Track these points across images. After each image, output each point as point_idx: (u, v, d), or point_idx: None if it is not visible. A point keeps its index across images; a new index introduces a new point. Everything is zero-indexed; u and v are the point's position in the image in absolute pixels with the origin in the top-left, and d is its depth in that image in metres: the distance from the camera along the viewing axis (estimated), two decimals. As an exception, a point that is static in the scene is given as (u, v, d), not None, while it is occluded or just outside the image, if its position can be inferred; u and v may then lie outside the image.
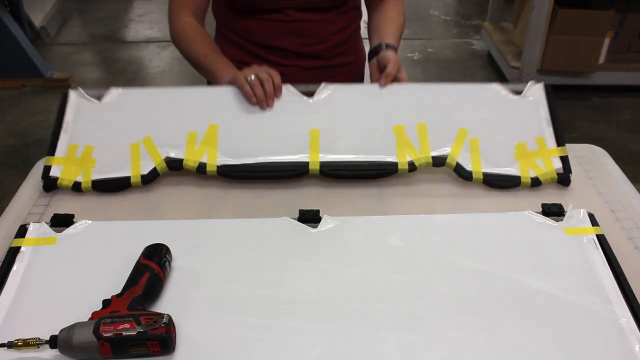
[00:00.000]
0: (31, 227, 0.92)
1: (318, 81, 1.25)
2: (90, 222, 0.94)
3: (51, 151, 1.05)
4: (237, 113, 1.09)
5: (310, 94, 1.12)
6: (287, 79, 1.23)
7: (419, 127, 1.06)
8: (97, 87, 1.14)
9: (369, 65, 1.22)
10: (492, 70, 3.54)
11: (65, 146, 1.06)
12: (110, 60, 3.84)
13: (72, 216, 0.95)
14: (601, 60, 3.07)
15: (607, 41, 3.01)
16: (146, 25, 4.36)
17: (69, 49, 3.98)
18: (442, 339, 0.73)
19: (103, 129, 1.09)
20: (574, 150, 1.13)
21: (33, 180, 1.08)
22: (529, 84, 1.13)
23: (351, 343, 0.73)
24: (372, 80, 1.18)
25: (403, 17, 1.30)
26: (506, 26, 3.64)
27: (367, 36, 1.33)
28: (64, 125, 1.09)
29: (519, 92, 1.12)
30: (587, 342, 0.72)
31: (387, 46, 1.19)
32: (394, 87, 1.13)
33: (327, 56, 1.30)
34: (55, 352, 0.70)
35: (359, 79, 1.42)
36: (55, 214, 0.96)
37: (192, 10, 1.24)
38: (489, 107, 1.11)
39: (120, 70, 3.68)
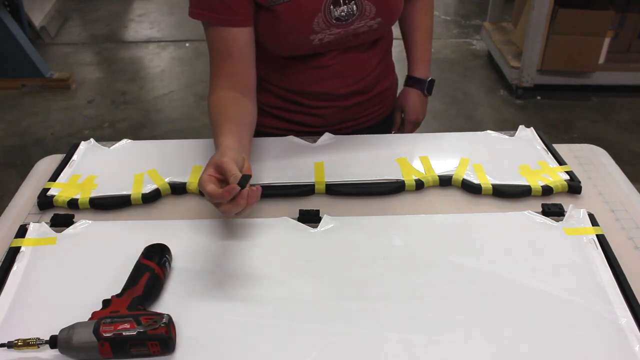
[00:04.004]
0: (31, 227, 0.92)
1: (354, 117, 1.23)
2: (90, 222, 0.94)
3: (52, 179, 1.04)
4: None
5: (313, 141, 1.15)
6: (324, 119, 1.20)
7: (422, 159, 1.08)
8: (98, 88, 1.14)
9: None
10: (492, 70, 3.54)
11: (67, 176, 1.05)
12: (110, 60, 3.84)
13: (72, 216, 0.95)
14: (601, 60, 3.07)
15: (607, 41, 3.01)
16: (146, 25, 4.36)
17: (69, 49, 3.99)
18: (442, 339, 0.73)
19: (108, 164, 1.09)
20: (574, 150, 1.14)
21: (33, 180, 1.08)
22: (518, 135, 1.17)
23: (351, 343, 0.73)
24: (395, 123, 1.33)
25: (430, 17, 1.31)
26: (506, 26, 3.64)
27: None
28: (70, 162, 1.09)
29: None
30: (587, 342, 0.72)
31: (413, 81, 1.30)
32: (397, 136, 1.19)
33: (367, 90, 1.21)
34: (55, 352, 0.70)
35: (391, 104, 1.33)
36: (55, 214, 0.96)
37: (235, 69, 1.02)
38: (487, 144, 1.14)
39: (120, 70, 3.68)
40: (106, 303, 0.75)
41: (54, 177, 1.04)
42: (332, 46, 1.09)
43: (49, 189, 1.01)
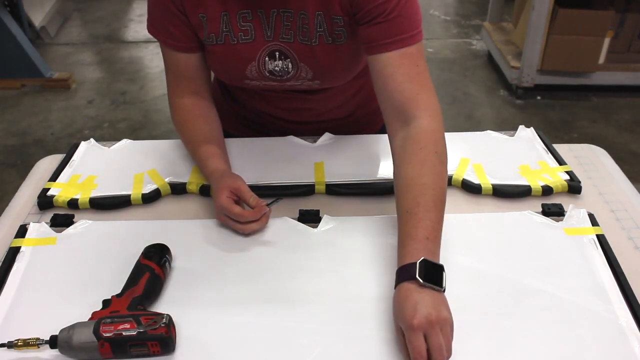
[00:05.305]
0: (31, 227, 0.92)
1: (336, 133, 1.14)
2: (90, 222, 0.94)
3: (52, 179, 1.04)
4: (246, 161, 1.07)
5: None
6: (296, 134, 1.15)
7: None
8: (98, 88, 1.14)
9: (393, 310, 0.73)
10: (492, 70, 3.54)
11: (67, 176, 1.05)
12: (110, 60, 3.84)
13: (72, 216, 0.95)
14: (601, 60, 3.07)
15: (607, 41, 3.01)
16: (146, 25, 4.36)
17: (69, 49, 3.98)
18: (442, 339, 0.73)
19: (108, 164, 1.09)
20: (574, 150, 1.13)
21: (33, 180, 1.08)
22: (518, 135, 1.16)
23: (351, 343, 0.73)
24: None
25: (435, 173, 0.81)
26: (506, 26, 3.64)
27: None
28: (70, 162, 1.09)
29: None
30: (587, 342, 0.72)
31: (399, 274, 0.74)
32: None
33: (341, 116, 1.15)
34: (55, 352, 0.70)
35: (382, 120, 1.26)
36: (55, 214, 0.96)
37: (189, 87, 1.03)
38: (487, 144, 1.14)
39: (120, 70, 3.67)
40: (106, 303, 0.75)
41: (54, 177, 1.04)
42: (275, 90, 1.04)
43: (49, 189, 1.01)
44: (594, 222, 0.91)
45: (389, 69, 0.87)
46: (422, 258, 0.72)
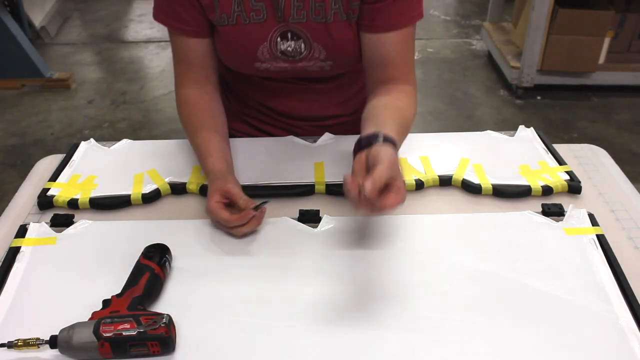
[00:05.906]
0: (31, 227, 0.92)
1: (340, 134, 1.13)
2: (90, 222, 0.94)
3: (52, 179, 1.04)
4: (246, 161, 1.06)
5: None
6: (301, 135, 1.14)
7: (422, 159, 1.07)
8: (98, 88, 1.14)
9: (353, 160, 0.81)
10: (492, 70, 3.54)
11: (67, 176, 1.05)
12: (110, 60, 3.84)
13: (72, 216, 0.95)
14: (601, 60, 3.07)
15: (607, 41, 3.02)
16: (146, 25, 4.36)
17: (69, 49, 3.99)
18: (442, 339, 0.73)
19: (108, 164, 1.09)
20: (574, 150, 1.13)
21: (33, 180, 1.08)
22: (518, 135, 1.16)
23: (351, 343, 0.73)
24: (350, 182, 0.74)
25: (411, 110, 0.96)
26: (506, 26, 3.64)
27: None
28: (70, 162, 1.09)
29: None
30: (587, 342, 0.72)
31: (385, 139, 0.79)
32: None
33: (349, 112, 1.15)
34: (55, 352, 0.70)
35: None
36: (55, 214, 0.96)
37: (198, 76, 1.03)
38: (487, 144, 1.13)
39: (120, 70, 3.68)
40: (106, 303, 0.75)
41: (54, 177, 1.04)
42: (286, 76, 1.03)
43: (49, 189, 1.01)
44: (594, 222, 0.91)
45: (387, 47, 0.96)
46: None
